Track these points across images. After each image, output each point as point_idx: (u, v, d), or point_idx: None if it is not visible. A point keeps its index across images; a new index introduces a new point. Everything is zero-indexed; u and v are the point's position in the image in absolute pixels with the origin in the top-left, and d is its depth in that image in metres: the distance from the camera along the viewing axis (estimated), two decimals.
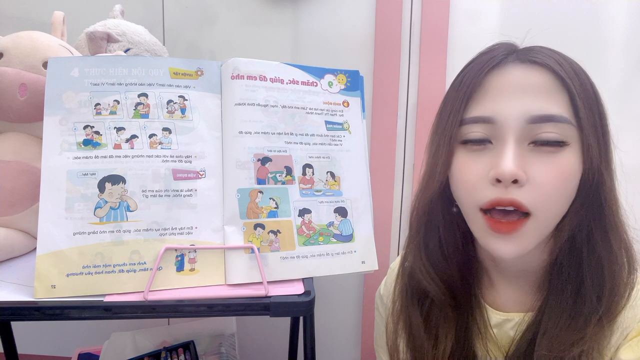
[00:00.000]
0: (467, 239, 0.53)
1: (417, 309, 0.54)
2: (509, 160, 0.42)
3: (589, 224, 0.45)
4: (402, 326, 0.55)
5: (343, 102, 0.60)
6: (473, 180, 0.45)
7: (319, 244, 0.54)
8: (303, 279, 0.52)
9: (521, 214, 0.43)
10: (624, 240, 0.46)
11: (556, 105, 0.43)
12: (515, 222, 0.43)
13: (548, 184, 0.42)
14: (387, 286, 0.63)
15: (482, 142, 0.45)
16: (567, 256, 0.46)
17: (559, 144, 0.42)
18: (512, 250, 0.44)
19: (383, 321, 0.63)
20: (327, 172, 0.57)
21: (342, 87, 0.60)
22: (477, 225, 0.46)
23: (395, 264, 0.64)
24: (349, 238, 0.56)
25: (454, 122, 0.46)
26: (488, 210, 0.44)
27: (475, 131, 0.45)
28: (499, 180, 0.42)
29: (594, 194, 0.44)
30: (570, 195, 0.44)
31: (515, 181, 0.42)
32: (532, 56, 0.44)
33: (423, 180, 0.51)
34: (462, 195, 0.47)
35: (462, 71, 0.48)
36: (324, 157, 0.57)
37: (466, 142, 0.46)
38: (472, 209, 0.46)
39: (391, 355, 0.57)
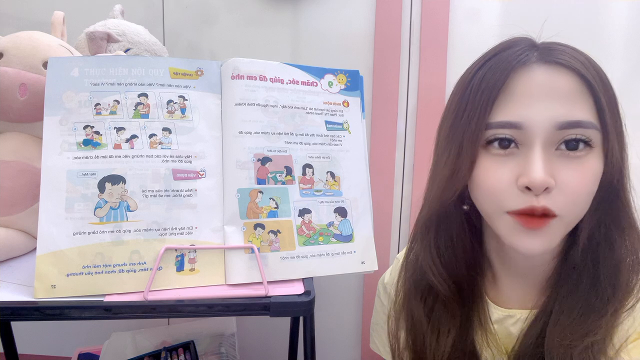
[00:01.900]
0: (475, 235, 0.53)
1: (420, 304, 0.54)
2: (539, 168, 0.41)
3: (607, 221, 0.46)
4: (404, 320, 0.56)
5: (343, 102, 0.60)
6: (500, 186, 0.44)
7: (319, 244, 0.54)
8: (303, 279, 0.52)
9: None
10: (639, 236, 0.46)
11: (583, 110, 0.42)
12: (546, 219, 0.43)
13: (576, 188, 0.42)
14: (392, 276, 0.63)
15: (508, 146, 0.44)
16: (583, 252, 0.46)
17: (585, 147, 0.42)
18: (539, 246, 0.43)
19: (383, 308, 0.64)
20: (327, 172, 0.57)
21: (342, 87, 0.60)
22: (504, 224, 0.45)
23: (402, 254, 0.64)
24: (348, 238, 0.56)
25: (479, 126, 0.44)
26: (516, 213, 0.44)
27: (501, 136, 0.44)
28: (528, 188, 0.42)
29: (613, 195, 0.45)
30: (592, 196, 0.44)
31: (545, 188, 0.41)
32: (557, 57, 0.43)
33: (441, 182, 0.48)
34: (487, 201, 0.45)
35: (480, 67, 0.46)
36: (324, 157, 0.57)
37: (489, 146, 0.45)
38: (497, 212, 0.45)
39: (392, 346, 0.58)
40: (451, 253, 0.52)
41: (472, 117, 0.45)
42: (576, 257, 0.47)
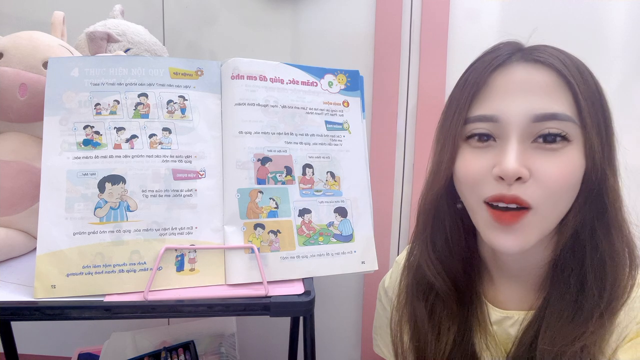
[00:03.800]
0: (471, 235, 0.54)
1: (422, 302, 0.55)
2: (512, 158, 0.42)
3: (592, 221, 0.46)
4: (407, 319, 0.56)
5: (343, 102, 0.60)
6: (476, 175, 0.45)
7: (319, 244, 0.54)
8: (303, 279, 0.52)
9: (522, 207, 0.44)
10: (626, 236, 0.46)
11: (559, 104, 0.43)
12: (518, 213, 0.43)
13: (550, 179, 0.42)
14: (393, 279, 0.64)
15: (486, 140, 0.46)
16: (570, 252, 0.46)
17: (562, 141, 0.43)
18: (514, 244, 0.44)
19: (385, 312, 0.65)
20: (327, 172, 0.57)
21: (342, 87, 0.60)
22: (481, 217, 0.46)
23: (401, 257, 0.65)
24: (348, 238, 0.56)
25: (459, 121, 0.47)
26: (492, 205, 0.45)
27: (479, 129, 0.46)
28: (502, 178, 0.43)
29: (597, 192, 0.45)
30: (573, 192, 0.44)
31: (518, 178, 0.43)
32: (536, 55, 0.45)
33: (429, 178, 0.52)
34: (466, 189, 0.47)
35: (467, 70, 0.49)
36: (324, 157, 0.57)
37: (470, 139, 0.47)
38: (476, 202, 0.46)
39: (395, 346, 0.58)
40: (446, 249, 0.53)
41: (454, 113, 0.47)
42: (564, 258, 0.47)
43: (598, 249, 0.45)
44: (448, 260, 0.53)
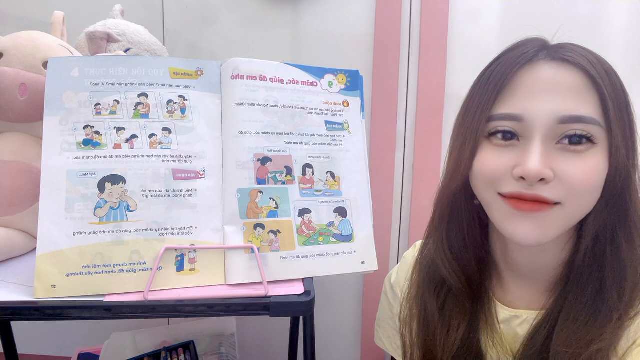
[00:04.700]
0: (484, 233, 0.54)
1: (433, 297, 0.55)
2: (535, 159, 0.41)
3: (613, 224, 0.45)
4: (417, 312, 0.56)
5: (343, 102, 0.60)
6: (495, 173, 0.44)
7: (319, 244, 0.54)
8: (303, 279, 0.52)
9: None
10: None
11: (586, 106, 0.42)
12: (540, 205, 0.42)
13: (577, 179, 0.42)
14: (399, 275, 0.64)
15: (510, 139, 0.45)
16: (590, 255, 0.46)
17: (587, 143, 0.42)
18: (533, 234, 0.43)
19: (390, 306, 0.65)
20: (327, 172, 0.57)
21: (342, 87, 0.60)
22: (498, 209, 0.45)
23: (408, 253, 0.65)
24: (348, 238, 0.56)
25: (482, 118, 0.45)
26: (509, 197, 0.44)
27: (502, 128, 0.45)
28: (523, 178, 0.42)
29: (619, 195, 0.44)
30: (596, 194, 0.44)
31: (541, 179, 0.42)
32: (564, 54, 0.43)
33: (448, 174, 0.51)
34: (482, 185, 0.46)
35: (490, 65, 0.47)
36: (324, 157, 0.57)
37: (492, 137, 0.46)
38: (492, 196, 0.46)
39: (403, 339, 0.58)
40: (462, 245, 0.53)
41: (477, 109, 0.46)
42: (582, 260, 0.46)
43: (619, 253, 0.45)
44: (463, 257, 0.53)
